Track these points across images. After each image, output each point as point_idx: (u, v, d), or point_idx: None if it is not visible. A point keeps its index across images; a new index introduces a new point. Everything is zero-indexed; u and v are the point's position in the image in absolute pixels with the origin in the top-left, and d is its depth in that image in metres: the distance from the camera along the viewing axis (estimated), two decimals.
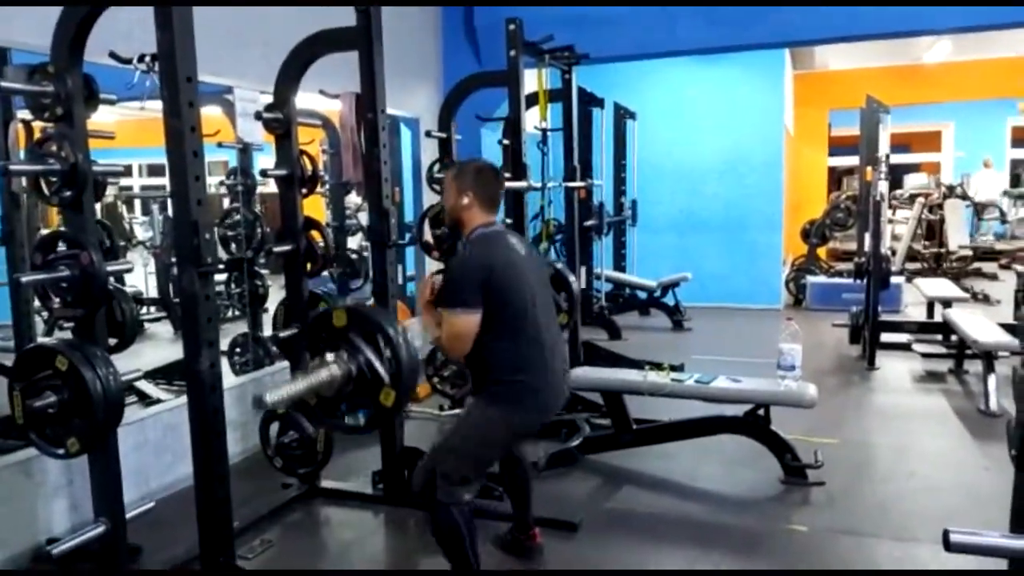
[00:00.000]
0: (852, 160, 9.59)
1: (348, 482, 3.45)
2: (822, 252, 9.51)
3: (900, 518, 3.10)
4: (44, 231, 3.29)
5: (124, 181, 9.92)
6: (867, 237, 5.69)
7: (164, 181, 1.99)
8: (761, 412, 3.49)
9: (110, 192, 8.63)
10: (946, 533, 1.43)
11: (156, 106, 1.98)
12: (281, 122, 3.05)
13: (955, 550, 1.41)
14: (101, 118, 2.34)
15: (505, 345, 2.38)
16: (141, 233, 9.00)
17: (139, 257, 8.10)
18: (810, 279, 8.15)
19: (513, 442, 2.68)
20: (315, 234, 3.20)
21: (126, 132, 4.94)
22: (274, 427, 3.27)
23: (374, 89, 2.79)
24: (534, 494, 2.85)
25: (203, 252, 1.96)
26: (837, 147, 12.32)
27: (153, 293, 6.90)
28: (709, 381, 3.56)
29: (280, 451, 3.27)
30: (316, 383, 1.84)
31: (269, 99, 3.09)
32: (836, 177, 13.53)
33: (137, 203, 9.94)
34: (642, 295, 7.66)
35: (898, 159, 10.45)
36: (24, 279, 2.13)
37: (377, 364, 1.86)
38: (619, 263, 7.95)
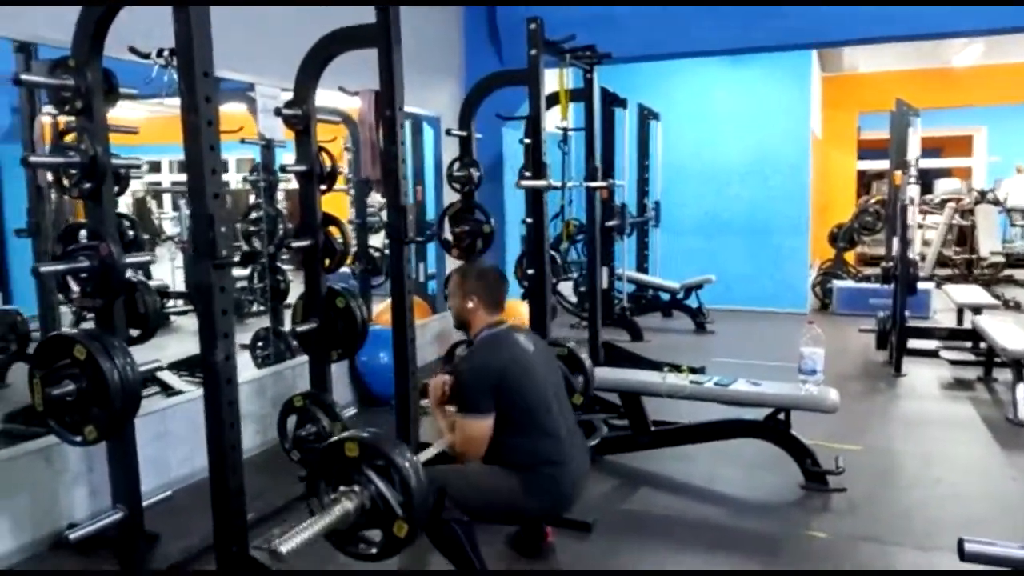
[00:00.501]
0: (882, 164, 9.43)
1: None
2: (850, 256, 9.37)
3: (924, 526, 3.04)
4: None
5: (154, 177, 10.09)
6: (895, 242, 5.59)
7: None
8: (781, 416, 3.44)
9: (140, 187, 8.78)
10: (961, 542, 1.40)
11: (176, 102, 1.99)
12: (300, 118, 3.06)
13: (969, 559, 1.39)
14: (131, 114, 2.37)
15: (519, 441, 2.42)
16: (170, 228, 9.15)
17: (167, 252, 8.22)
18: (837, 283, 8.03)
19: (520, 522, 2.72)
20: (333, 230, 3.21)
21: (155, 129, 5.01)
22: (292, 420, 3.29)
23: (393, 87, 2.79)
24: None
25: (218, 245, 1.97)
26: (867, 150, 12.13)
27: (181, 287, 7.01)
28: (728, 384, 3.52)
29: (297, 444, 3.28)
30: (331, 522, 1.84)
31: (290, 96, 3.12)
32: (865, 181, 13.34)
33: (167, 199, 10.10)
34: (665, 297, 7.61)
35: (929, 163, 10.26)
36: (43, 269, 2.17)
37: (389, 496, 1.86)
38: (642, 264, 7.91)
